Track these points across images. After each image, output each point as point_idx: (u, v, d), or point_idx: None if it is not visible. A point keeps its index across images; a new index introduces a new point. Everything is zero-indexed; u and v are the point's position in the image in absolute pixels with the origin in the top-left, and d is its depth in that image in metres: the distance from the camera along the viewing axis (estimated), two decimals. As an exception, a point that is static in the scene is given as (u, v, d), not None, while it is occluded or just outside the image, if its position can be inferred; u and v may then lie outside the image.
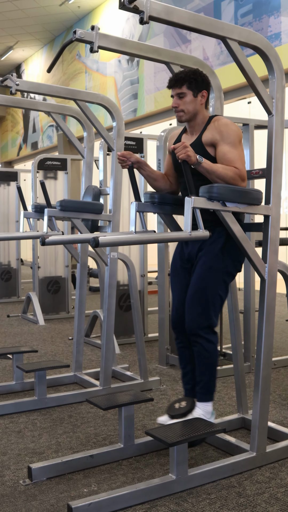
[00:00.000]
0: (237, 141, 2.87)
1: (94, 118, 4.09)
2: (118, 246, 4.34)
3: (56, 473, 2.88)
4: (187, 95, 2.96)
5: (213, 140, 2.89)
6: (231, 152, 2.83)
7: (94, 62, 14.20)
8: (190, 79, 2.94)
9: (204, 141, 2.92)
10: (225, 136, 2.87)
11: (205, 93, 2.99)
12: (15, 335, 6.51)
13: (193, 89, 2.95)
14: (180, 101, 2.97)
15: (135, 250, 6.08)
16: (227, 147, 2.84)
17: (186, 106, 2.97)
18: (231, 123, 2.91)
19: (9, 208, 9.35)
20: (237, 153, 2.84)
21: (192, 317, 2.98)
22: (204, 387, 3.04)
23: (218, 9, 9.73)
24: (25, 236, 4.42)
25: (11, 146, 20.97)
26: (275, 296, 2.96)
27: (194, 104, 2.97)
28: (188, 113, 2.99)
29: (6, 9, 14.36)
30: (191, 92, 2.96)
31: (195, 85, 2.95)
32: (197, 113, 3.00)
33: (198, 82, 2.95)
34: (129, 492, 2.58)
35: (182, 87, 2.95)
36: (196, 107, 2.98)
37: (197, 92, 2.97)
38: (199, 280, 2.97)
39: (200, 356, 3.02)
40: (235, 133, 2.88)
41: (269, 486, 2.75)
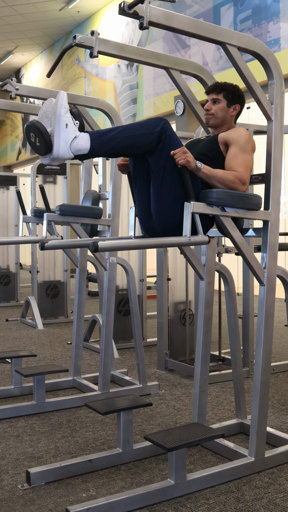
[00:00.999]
0: (249, 148, 2.89)
1: (93, 123, 4.10)
2: (117, 251, 4.34)
3: (55, 477, 2.88)
4: (221, 102, 3.06)
5: (228, 140, 2.93)
6: (240, 156, 2.85)
7: (94, 67, 14.23)
8: (229, 89, 3.06)
9: (219, 138, 2.98)
10: (238, 140, 2.90)
11: (238, 107, 3.09)
12: (13, 339, 6.50)
13: (229, 99, 3.06)
14: (213, 105, 3.08)
15: (134, 254, 6.08)
16: (237, 150, 2.87)
17: (218, 111, 3.07)
18: (249, 133, 2.96)
19: (8, 212, 9.35)
20: (245, 157, 2.85)
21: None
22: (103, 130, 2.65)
23: (218, 15, 9.76)
24: (24, 240, 4.42)
25: (10, 150, 20.99)
26: (274, 301, 2.96)
27: (225, 112, 3.07)
28: (217, 118, 3.07)
29: (6, 13, 14.40)
30: (226, 102, 3.06)
31: (231, 96, 3.06)
32: (225, 122, 3.08)
33: (235, 95, 3.07)
34: (127, 497, 2.57)
35: (219, 95, 3.06)
36: (226, 116, 3.07)
37: (231, 103, 3.07)
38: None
39: None
40: (249, 141, 2.92)
41: (268, 491, 2.74)
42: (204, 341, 3.27)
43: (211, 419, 3.74)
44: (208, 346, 3.29)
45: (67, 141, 2.52)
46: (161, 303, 5.02)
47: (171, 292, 5.11)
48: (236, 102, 3.08)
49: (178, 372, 4.95)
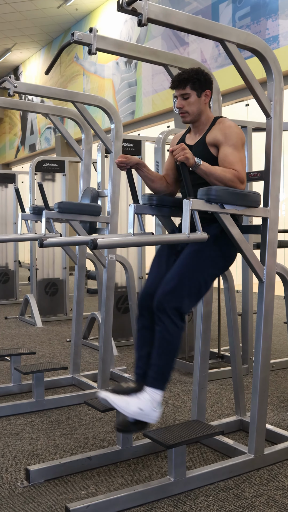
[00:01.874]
0: (240, 144, 2.86)
1: (92, 120, 4.09)
2: (116, 248, 4.34)
3: (54, 475, 2.88)
4: (191, 96, 2.95)
5: (216, 141, 2.89)
6: (233, 154, 2.83)
7: (92, 64, 14.21)
8: (193, 79, 2.92)
9: (207, 141, 2.92)
10: (228, 138, 2.86)
11: (208, 93, 2.98)
12: (12, 337, 6.50)
13: (197, 89, 2.94)
14: (185, 102, 2.96)
15: (133, 252, 6.08)
16: (229, 149, 2.84)
17: (191, 107, 2.96)
18: (235, 126, 2.91)
19: (7, 210, 9.35)
20: (238, 155, 2.83)
21: (164, 291, 2.73)
22: (157, 371, 2.73)
23: (216, 12, 9.75)
24: (23, 238, 4.42)
25: (9, 148, 20.97)
26: (273, 298, 2.96)
27: (198, 104, 2.96)
28: (192, 114, 2.98)
29: (4, 11, 14.37)
30: (195, 92, 2.94)
31: (198, 85, 2.94)
32: (201, 113, 2.99)
33: (201, 82, 2.94)
34: (127, 494, 2.57)
35: (186, 88, 2.94)
36: (200, 107, 2.97)
37: (201, 91, 2.95)
38: (183, 259, 2.82)
39: (160, 337, 2.73)
40: (238, 136, 2.87)
41: (267, 488, 2.75)
42: (203, 338, 3.27)
43: (210, 416, 3.74)
44: (207, 343, 3.29)
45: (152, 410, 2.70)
46: (160, 300, 5.01)
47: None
48: (205, 87, 2.96)
49: (177, 369, 4.95)
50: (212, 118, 3.02)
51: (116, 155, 4.03)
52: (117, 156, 4.02)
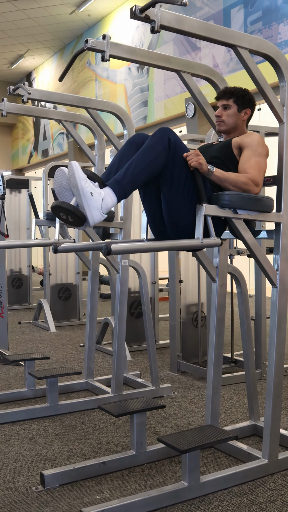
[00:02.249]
0: (263, 152, 2.89)
1: (105, 126, 4.12)
2: (129, 254, 4.36)
3: (69, 479, 2.89)
4: (232, 108, 3.06)
5: (241, 144, 2.93)
6: (253, 159, 2.84)
7: (104, 70, 14.26)
8: (238, 94, 3.05)
9: (233, 142, 2.98)
10: (252, 144, 2.90)
11: (248, 111, 3.08)
12: (26, 342, 6.53)
13: (239, 104, 3.05)
14: (224, 112, 3.07)
15: (146, 257, 6.09)
16: (251, 154, 2.87)
17: (229, 118, 3.06)
18: (262, 139, 2.96)
19: (20, 215, 9.39)
20: (258, 160, 2.84)
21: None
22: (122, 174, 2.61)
23: (228, 17, 9.76)
24: (37, 243, 4.44)
25: (22, 154, 21.07)
26: (287, 303, 2.95)
27: (236, 118, 3.06)
28: (228, 125, 3.07)
29: (17, 17, 14.47)
30: (236, 107, 3.05)
31: (241, 101, 3.05)
32: (237, 127, 3.08)
33: (245, 100, 3.06)
34: (141, 499, 2.58)
35: (229, 100, 3.05)
36: (237, 122, 3.07)
37: (242, 108, 3.06)
38: None
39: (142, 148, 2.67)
40: (263, 145, 2.92)
41: (282, 493, 2.74)
42: (217, 343, 3.27)
43: (224, 421, 3.74)
44: (220, 348, 3.29)
45: (98, 208, 2.54)
46: (173, 305, 5.02)
47: (183, 294, 5.11)
48: (247, 106, 3.08)
49: (191, 374, 4.95)
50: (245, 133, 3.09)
51: (129, 160, 4.04)
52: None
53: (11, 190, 9.30)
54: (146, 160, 2.61)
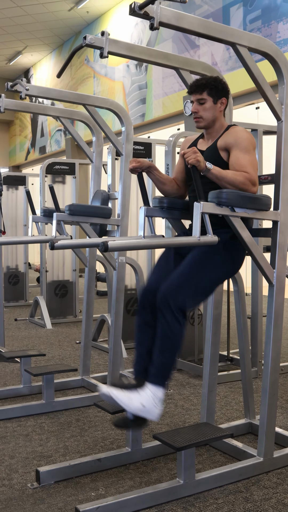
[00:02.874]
0: (250, 148, 2.87)
1: (103, 123, 4.11)
2: (126, 251, 4.35)
3: (64, 476, 2.89)
4: (207, 101, 2.97)
5: (227, 145, 2.90)
6: (244, 157, 2.83)
7: (103, 67, 14.25)
8: (211, 85, 2.95)
9: (219, 146, 2.94)
10: (239, 142, 2.87)
11: (224, 101, 3.00)
12: (22, 339, 6.52)
13: (213, 96, 2.96)
14: (200, 107, 2.98)
15: (143, 254, 6.09)
16: (240, 153, 2.85)
17: (206, 112, 2.98)
18: (245, 131, 2.93)
19: (17, 212, 9.38)
20: (249, 158, 2.83)
21: (169, 286, 2.71)
22: (159, 368, 2.71)
23: (227, 15, 9.75)
24: (34, 240, 4.44)
25: (19, 150, 21.04)
26: (283, 301, 2.96)
27: (213, 111, 2.98)
28: (207, 120, 3.00)
29: (15, 14, 14.44)
30: (211, 99, 2.96)
31: (215, 91, 2.96)
32: (215, 120, 3.01)
33: (219, 89, 2.97)
34: (136, 496, 2.58)
35: (203, 93, 2.96)
36: (215, 114, 2.99)
37: (217, 99, 2.98)
38: (191, 259, 2.81)
39: (163, 334, 2.70)
40: (249, 140, 2.88)
41: (276, 491, 2.74)
42: (213, 341, 3.27)
43: (219, 419, 3.74)
44: (217, 346, 3.29)
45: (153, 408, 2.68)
46: (169, 303, 5.01)
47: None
48: (222, 95, 2.98)
49: (187, 372, 4.95)
50: (225, 126, 3.04)
51: (127, 157, 4.05)
52: (127, 159, 4.04)
53: (8, 187, 9.29)
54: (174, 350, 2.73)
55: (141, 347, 2.87)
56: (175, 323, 2.69)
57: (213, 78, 2.98)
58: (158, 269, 2.97)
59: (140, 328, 2.89)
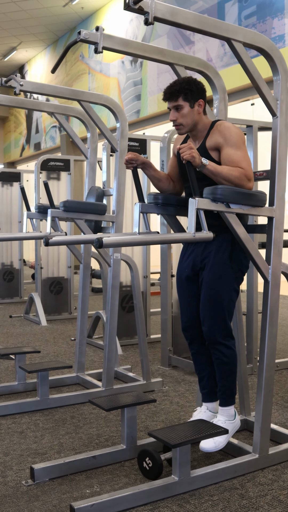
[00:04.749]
0: (241, 143, 2.85)
1: (97, 119, 4.09)
2: (121, 247, 4.34)
3: (59, 473, 2.88)
4: (184, 107, 2.90)
5: (217, 144, 2.88)
6: (236, 153, 2.82)
7: (98, 63, 14.21)
8: (185, 90, 2.88)
9: (208, 146, 2.90)
10: (228, 139, 2.85)
11: (201, 102, 2.93)
12: (17, 336, 6.51)
13: (189, 100, 2.89)
14: (178, 114, 2.92)
15: (138, 251, 6.08)
16: (231, 150, 2.83)
17: (185, 119, 2.91)
18: (233, 126, 2.90)
19: (12, 208, 9.35)
20: (241, 154, 2.82)
21: (209, 328, 2.97)
22: (226, 392, 3.03)
23: (222, 11, 9.73)
24: (28, 236, 4.42)
25: (14, 147, 20.99)
26: (279, 298, 2.95)
27: (192, 115, 2.92)
28: (187, 126, 2.94)
29: (10, 9, 14.38)
30: (188, 104, 2.89)
31: (190, 95, 2.89)
32: (196, 123, 2.95)
33: (194, 92, 2.90)
34: (131, 493, 2.57)
35: (178, 100, 2.89)
36: (194, 118, 2.93)
37: (194, 102, 2.90)
38: (211, 291, 2.95)
39: (220, 363, 3.00)
40: (238, 135, 2.86)
41: (272, 488, 2.74)
42: (208, 337, 3.26)
43: (215, 416, 3.74)
44: (212, 342, 3.28)
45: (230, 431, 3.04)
46: (165, 299, 5.01)
47: (175, 288, 5.10)
48: (198, 97, 2.91)
49: (182, 368, 4.95)
50: (209, 124, 2.99)
51: (122, 154, 4.03)
52: (122, 155, 4.02)
53: (3, 183, 9.25)
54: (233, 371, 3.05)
55: (201, 373, 3.19)
56: (227, 350, 2.99)
57: (186, 81, 2.91)
58: (184, 305, 3.17)
59: (195, 357, 3.20)
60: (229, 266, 2.92)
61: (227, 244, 2.91)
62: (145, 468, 2.86)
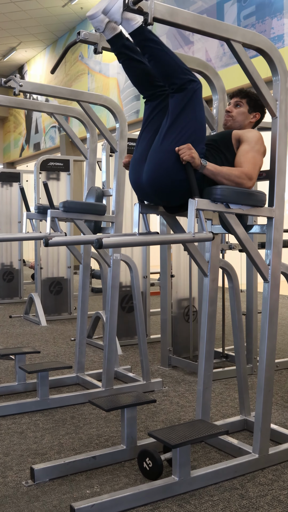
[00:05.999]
0: (260, 149, 2.85)
1: (97, 119, 4.09)
2: (121, 248, 4.34)
3: (59, 474, 2.88)
4: (243, 107, 3.08)
5: (241, 137, 2.92)
6: (249, 153, 2.82)
7: (97, 63, 14.21)
8: (252, 96, 3.07)
9: (233, 133, 2.96)
10: (251, 140, 2.88)
11: (258, 115, 3.10)
12: (17, 336, 6.51)
13: (251, 106, 3.07)
14: (235, 109, 3.08)
15: (138, 251, 6.08)
16: (247, 148, 2.85)
17: (238, 115, 3.08)
18: (262, 137, 2.95)
19: (12, 208, 9.35)
20: (253, 155, 2.82)
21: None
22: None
23: (221, 11, 9.73)
24: (28, 237, 4.42)
25: (14, 147, 20.99)
26: (278, 298, 2.95)
27: (244, 117, 3.08)
28: (235, 121, 3.07)
29: (9, 10, 14.38)
30: (248, 107, 3.07)
31: (254, 103, 3.07)
32: (243, 127, 3.08)
33: (258, 103, 3.07)
34: (131, 493, 2.58)
35: (243, 99, 3.08)
36: (245, 121, 3.08)
37: (253, 110, 3.08)
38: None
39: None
40: (261, 142, 2.90)
41: (272, 488, 2.74)
42: (208, 338, 3.27)
43: (214, 416, 3.74)
44: (212, 342, 3.29)
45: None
46: (164, 299, 5.02)
47: (174, 289, 5.11)
48: (258, 110, 3.09)
49: (182, 368, 4.95)
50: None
51: (121, 154, 4.03)
52: (122, 155, 4.02)
53: (3, 184, 9.26)
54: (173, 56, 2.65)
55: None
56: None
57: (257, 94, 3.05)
58: None
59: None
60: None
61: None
62: (145, 468, 2.86)
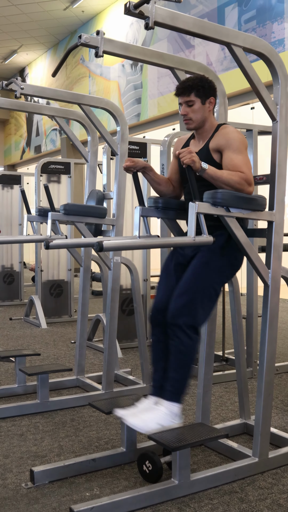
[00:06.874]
0: (243, 148, 2.86)
1: (98, 123, 4.10)
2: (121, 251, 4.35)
3: (58, 476, 2.88)
4: (196, 103, 2.94)
5: (219, 146, 2.89)
6: (237, 157, 2.83)
7: (98, 67, 14.23)
8: (197, 86, 2.92)
9: (211, 147, 2.92)
10: (231, 143, 2.86)
11: (212, 100, 2.98)
12: (17, 338, 6.51)
13: (201, 97, 2.94)
14: (189, 109, 2.95)
15: (138, 254, 6.09)
16: (233, 154, 2.84)
17: (195, 114, 2.96)
18: (236, 131, 2.92)
19: (12, 211, 9.36)
20: (242, 158, 2.83)
21: (176, 306, 2.79)
22: (174, 385, 2.80)
23: (222, 15, 9.75)
24: (28, 239, 4.43)
25: (15, 150, 21.01)
26: (278, 301, 2.96)
27: (202, 112, 2.96)
28: (196, 121, 2.98)
29: (11, 13, 14.41)
30: (199, 100, 2.94)
31: (203, 92, 2.93)
32: (205, 120, 2.99)
33: (206, 89, 2.94)
34: (131, 496, 2.58)
35: (190, 95, 2.93)
36: (204, 115, 2.97)
37: (205, 99, 2.95)
38: (192, 272, 2.85)
39: (176, 351, 2.78)
40: (241, 140, 2.87)
41: (272, 492, 2.74)
42: (208, 341, 3.27)
43: (214, 419, 3.74)
44: (212, 346, 3.29)
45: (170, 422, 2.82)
46: (165, 303, 5.00)
47: (175, 292, 5.10)
48: (209, 95, 2.96)
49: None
50: (215, 125, 3.03)
51: (122, 157, 4.04)
52: (123, 159, 4.03)
53: (3, 186, 9.27)
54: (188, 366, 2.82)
55: (157, 365, 2.97)
56: (187, 340, 2.77)
57: (199, 78, 2.96)
58: (162, 285, 3.01)
59: (154, 346, 2.99)
60: (218, 255, 2.85)
61: (221, 237, 2.86)
62: (145, 471, 2.86)
